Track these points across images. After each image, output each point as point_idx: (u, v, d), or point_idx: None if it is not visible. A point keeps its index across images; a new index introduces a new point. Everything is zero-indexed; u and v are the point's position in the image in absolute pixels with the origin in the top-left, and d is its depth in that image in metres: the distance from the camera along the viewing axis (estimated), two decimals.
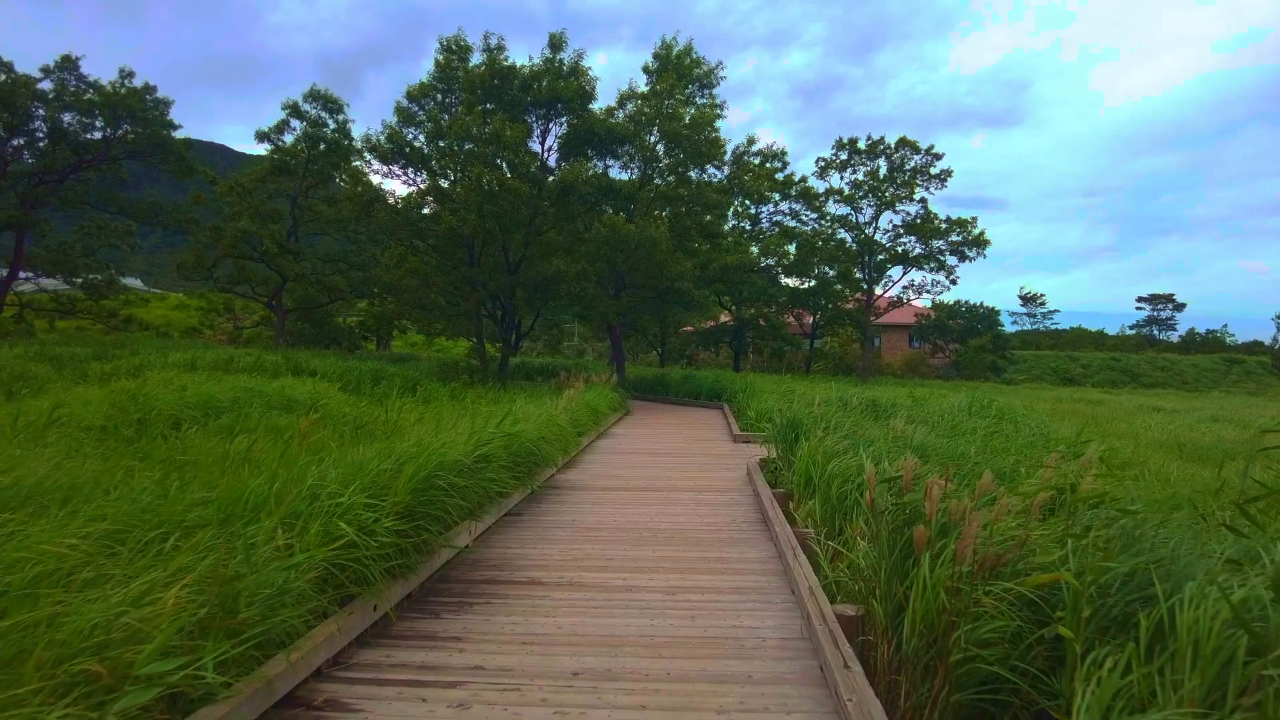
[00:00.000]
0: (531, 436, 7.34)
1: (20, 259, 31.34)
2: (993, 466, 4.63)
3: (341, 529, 3.65)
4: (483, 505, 5.70)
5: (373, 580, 3.79)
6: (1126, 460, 7.07)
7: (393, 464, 4.57)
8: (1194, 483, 6.01)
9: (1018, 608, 2.93)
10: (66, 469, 4.96)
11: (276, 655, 3.07)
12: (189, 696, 2.63)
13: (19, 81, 29.54)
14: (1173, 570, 2.81)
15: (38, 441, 6.19)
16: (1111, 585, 2.87)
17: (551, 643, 3.74)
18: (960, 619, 2.80)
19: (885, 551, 3.41)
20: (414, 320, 27.75)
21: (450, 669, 3.44)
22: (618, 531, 6.05)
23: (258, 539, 3.42)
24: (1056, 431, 8.90)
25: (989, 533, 3.01)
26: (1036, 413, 12.02)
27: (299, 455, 5.17)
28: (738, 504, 7.15)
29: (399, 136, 20.04)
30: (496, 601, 4.35)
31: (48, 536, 3.26)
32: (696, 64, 22.15)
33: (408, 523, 4.20)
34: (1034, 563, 3.01)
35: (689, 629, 3.92)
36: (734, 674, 3.37)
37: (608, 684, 3.27)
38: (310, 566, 3.40)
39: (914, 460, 3.74)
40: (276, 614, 3.07)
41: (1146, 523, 3.34)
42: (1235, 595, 2.45)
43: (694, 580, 4.75)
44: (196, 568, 3.09)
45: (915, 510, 3.42)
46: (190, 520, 3.81)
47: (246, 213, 28.31)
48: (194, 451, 6.24)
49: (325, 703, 3.13)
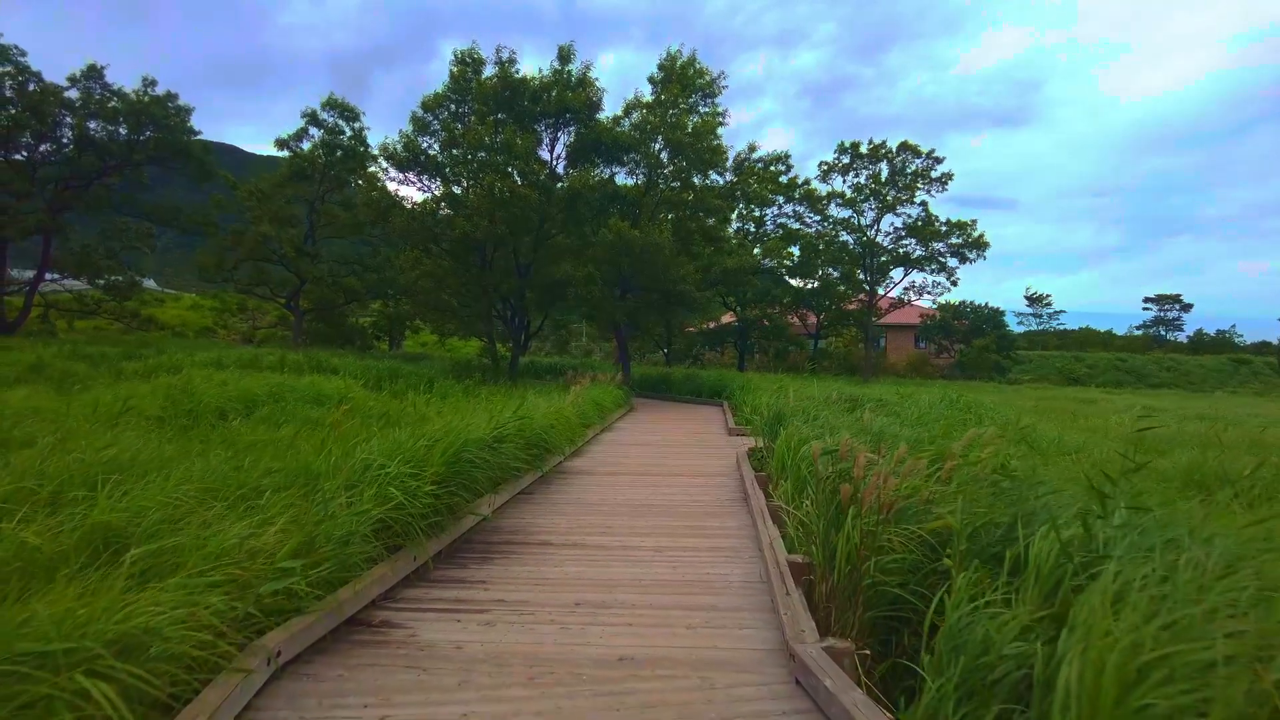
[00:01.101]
0: (541, 425, 8.22)
1: (47, 261, 32.56)
2: (933, 445, 5.46)
3: (392, 493, 4.54)
4: (500, 483, 6.59)
5: (415, 535, 4.68)
6: (1075, 446, 7.87)
7: (426, 443, 5.46)
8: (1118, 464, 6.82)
9: (922, 548, 3.78)
10: (148, 447, 5.89)
11: (343, 587, 3.95)
12: (284, 610, 3.51)
13: (48, 90, 30.70)
14: (1036, 519, 3.65)
15: (113, 427, 7.12)
16: (992, 530, 3.71)
17: (558, 584, 4.61)
18: (871, 554, 3.65)
19: (823, 509, 4.26)
20: (428, 321, 28.74)
21: (478, 601, 4.32)
22: (617, 506, 6.92)
23: (328, 497, 4.31)
24: (1015, 423, 9.69)
25: (897, 488, 3.86)
26: (1006, 407, 12.77)
27: (340, 439, 6.08)
28: (724, 486, 8.01)
29: (415, 145, 21.01)
30: (513, 556, 5.23)
31: (157, 492, 4.17)
32: (700, 74, 22.98)
33: (442, 489, 5.09)
34: (936, 513, 3.85)
35: (671, 575, 4.79)
36: (704, 605, 4.24)
37: (602, 611, 4.14)
38: (368, 520, 4.29)
39: (848, 437, 4.59)
40: (345, 549, 3.96)
41: (1037, 487, 4.18)
42: (1065, 534, 3.28)
43: (679, 542, 5.62)
44: (280, 519, 3.98)
45: (846, 474, 4.27)
46: (264, 485, 4.69)
47: (266, 217, 29.35)
48: (246, 438, 7.15)
49: (381, 623, 4.00)
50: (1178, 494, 4.87)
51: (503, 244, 21.11)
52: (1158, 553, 3.08)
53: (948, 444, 4.75)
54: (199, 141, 33.71)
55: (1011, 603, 3.20)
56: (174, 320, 43.41)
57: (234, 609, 3.11)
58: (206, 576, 3.08)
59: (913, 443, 5.42)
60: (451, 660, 3.49)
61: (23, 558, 3.32)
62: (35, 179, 31.64)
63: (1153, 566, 2.90)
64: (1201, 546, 3.14)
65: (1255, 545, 3.20)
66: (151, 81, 32.22)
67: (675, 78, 22.12)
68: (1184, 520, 3.58)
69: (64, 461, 4.92)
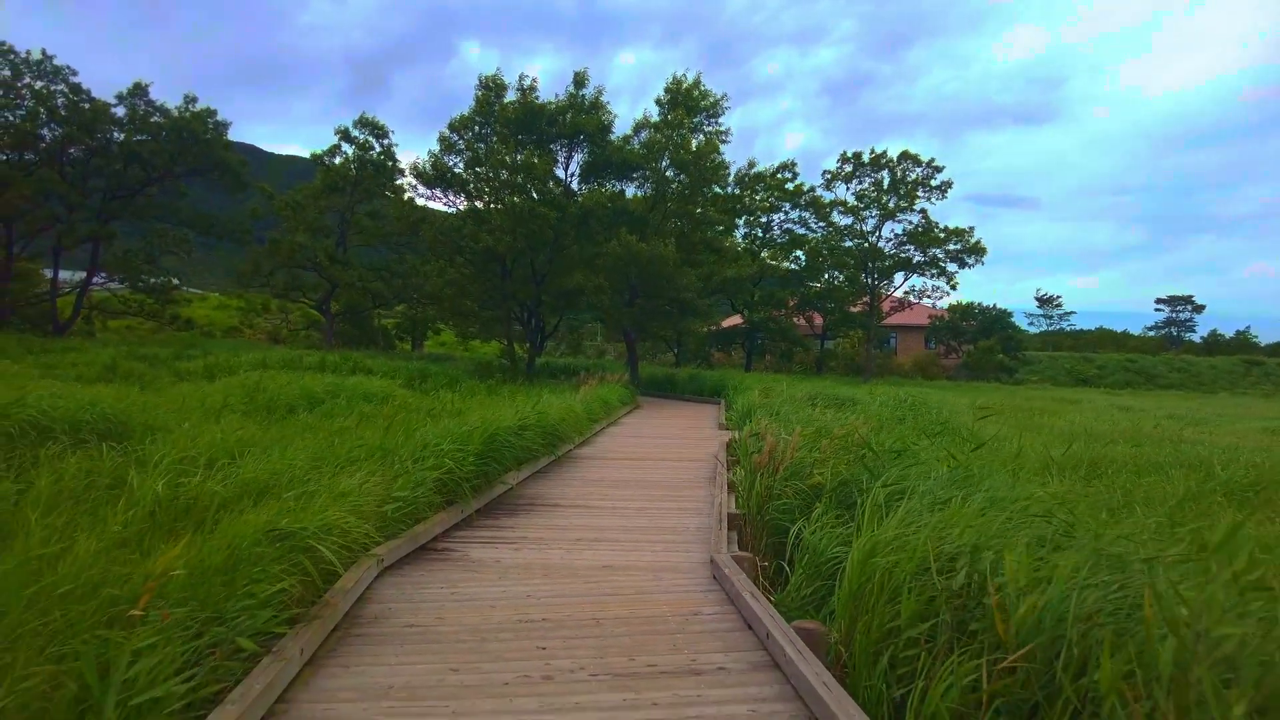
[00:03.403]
0: (555, 419, 10.08)
1: (95, 266, 34.98)
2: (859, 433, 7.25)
3: (446, 462, 6.41)
4: (523, 462, 8.46)
5: (463, 494, 6.54)
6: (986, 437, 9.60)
7: (467, 429, 7.33)
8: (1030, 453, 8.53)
9: (806, 496, 5.58)
10: (255, 431, 7.79)
11: (418, 524, 5.81)
12: (375, 540, 5.37)
13: (98, 109, 33.08)
14: (888, 479, 5.43)
15: (217, 418, 9.05)
16: (854, 485, 5.50)
17: (565, 529, 6.46)
18: (769, 501, 5.46)
19: (752, 477, 6.07)
20: (452, 324, 30.79)
21: (508, 538, 6.17)
22: (614, 482, 8.77)
23: (402, 463, 6.19)
24: (957, 420, 11.42)
25: (789, 459, 5.65)
26: (957, 405, 14.50)
27: (398, 427, 7.97)
28: (702, 468, 9.82)
29: (442, 165, 23.04)
30: (533, 512, 7.08)
31: (278, 460, 6.03)
32: (704, 96, 24.81)
33: (480, 462, 6.96)
34: (816, 474, 5.65)
35: (646, 524, 6.63)
36: (665, 539, 6.07)
37: (595, 543, 5.99)
38: (431, 479, 6.16)
39: (767, 422, 6.39)
40: (415, 494, 5.83)
41: (900, 460, 5.96)
42: (889, 486, 5.06)
43: (657, 505, 7.45)
44: (371, 479, 5.83)
45: (759, 451, 6.09)
46: (353, 456, 6.57)
47: (302, 227, 31.52)
48: (323, 427, 9.05)
49: (443, 548, 5.86)
50: (1020, 470, 6.61)
51: (521, 256, 23.06)
52: (957, 495, 4.83)
53: (834, 429, 6.56)
54: (235, 155, 36.00)
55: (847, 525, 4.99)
56: (202, 319, 45.58)
57: (360, 528, 4.98)
58: (339, 507, 4.93)
59: (822, 430, 7.21)
60: (492, 568, 5.35)
61: (204, 499, 5.16)
62: (86, 189, 34.06)
63: (931, 500, 4.68)
64: (974, 491, 4.91)
65: (1011, 492, 4.96)
66: (192, 98, 34.58)
67: (681, 102, 23.95)
68: (983, 480, 5.35)
69: (206, 439, 6.82)
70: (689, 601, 4.63)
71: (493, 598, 4.67)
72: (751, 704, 3.27)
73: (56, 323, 33.56)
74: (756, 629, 3.99)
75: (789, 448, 5.57)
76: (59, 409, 7.15)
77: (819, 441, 6.24)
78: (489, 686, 3.39)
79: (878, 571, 3.75)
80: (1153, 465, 8.01)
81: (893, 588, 3.63)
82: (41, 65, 32.92)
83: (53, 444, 6.43)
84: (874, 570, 3.80)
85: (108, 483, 5.35)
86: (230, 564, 3.66)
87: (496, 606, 4.50)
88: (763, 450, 5.96)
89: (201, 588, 3.40)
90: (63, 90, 33.10)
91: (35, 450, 6.21)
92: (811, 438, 6.22)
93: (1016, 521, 4.13)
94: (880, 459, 5.73)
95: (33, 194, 30.95)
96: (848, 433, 6.28)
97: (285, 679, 3.29)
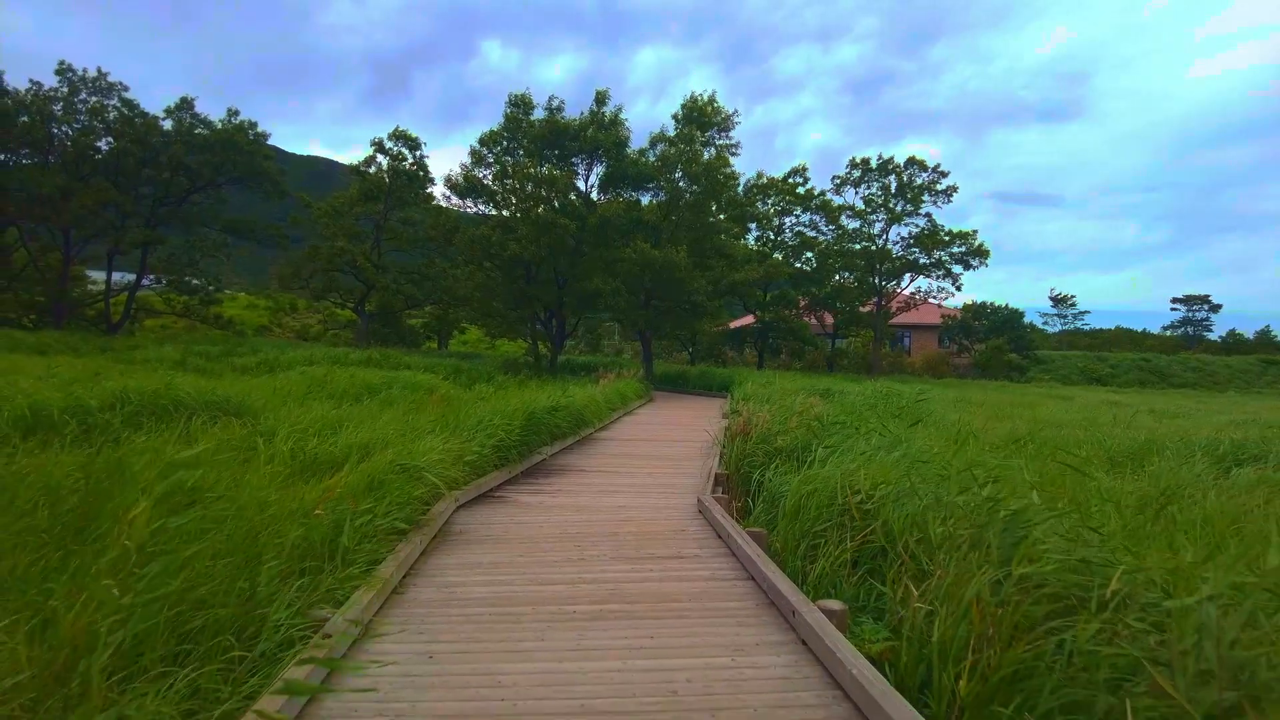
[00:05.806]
0: (581, 403, 11.98)
1: (144, 269, 37.46)
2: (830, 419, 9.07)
3: (499, 434, 8.32)
4: (555, 439, 10.37)
5: (511, 459, 8.45)
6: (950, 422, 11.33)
7: (512, 408, 9.23)
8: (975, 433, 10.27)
9: (775, 456, 7.41)
10: (342, 412, 9.74)
11: (482, 477, 7.72)
12: (456, 485, 7.26)
13: (149, 124, 35.51)
14: (830, 443, 7.24)
15: (302, 402, 11.02)
16: (809, 448, 7.32)
17: (590, 486, 8.35)
18: (746, 458, 7.30)
19: (736, 445, 7.92)
20: (480, 325, 32.87)
21: (548, 490, 8.07)
22: (629, 455, 10.65)
23: (470, 432, 8.11)
24: (933, 413, 13.16)
25: (762, 428, 7.46)
26: (939, 399, 16.23)
27: (454, 408, 9.90)
28: (703, 447, 11.62)
29: (473, 177, 25.07)
30: (565, 476, 8.98)
31: (370, 431, 7.94)
32: (717, 112, 26.63)
33: (524, 433, 8.87)
34: (778, 441, 7.47)
35: (653, 482, 8.50)
36: (668, 490, 7.95)
37: (614, 492, 7.89)
38: (488, 446, 8.06)
39: (754, 405, 8.23)
40: (481, 454, 7.75)
41: (843, 429, 7.78)
42: (831, 449, 6.87)
43: (663, 471, 9.32)
44: (443, 445, 7.73)
45: (747, 425, 7.93)
46: (428, 429, 8.48)
47: (341, 233, 33.73)
48: (392, 410, 10.98)
49: (499, 497, 7.76)
50: (960, 443, 8.36)
51: (545, 262, 25.04)
52: (880, 454, 6.62)
53: (795, 409, 8.41)
54: (275, 164, 38.32)
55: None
56: (235, 318, 47.84)
57: (452, 470, 6.89)
58: (431, 456, 6.84)
59: (790, 409, 9.05)
60: (537, 508, 7.24)
61: (323, 456, 7.04)
62: (137, 197, 36.53)
63: (863, 456, 6.50)
64: (894, 452, 6.70)
65: (942, 455, 6.74)
66: (235, 111, 36.95)
67: (694, 119, 25.80)
68: (904, 445, 7.13)
69: (309, 417, 8.76)
70: (679, 524, 6.51)
71: (540, 522, 6.58)
72: (711, 572, 5.13)
73: (109, 323, 36.08)
74: (723, 535, 5.85)
75: (759, 421, 7.41)
76: (190, 395, 9.13)
77: (789, 418, 8.07)
78: (544, 562, 5.29)
79: (803, 497, 5.59)
80: (1071, 442, 9.72)
81: (815, 506, 5.46)
82: (97, 82, 35.50)
83: (195, 419, 8.39)
84: (800, 495, 5.64)
85: (248, 445, 7.31)
86: (374, 484, 5.57)
87: (543, 528, 6.40)
88: (738, 422, 7.80)
89: (361, 498, 5.31)
90: (116, 105, 35.61)
91: (187, 423, 8.18)
92: (782, 415, 8.06)
93: (905, 467, 5.93)
94: (826, 429, 7.54)
95: (92, 203, 33.41)
96: (804, 410, 8.11)
97: (414, 555, 5.21)
